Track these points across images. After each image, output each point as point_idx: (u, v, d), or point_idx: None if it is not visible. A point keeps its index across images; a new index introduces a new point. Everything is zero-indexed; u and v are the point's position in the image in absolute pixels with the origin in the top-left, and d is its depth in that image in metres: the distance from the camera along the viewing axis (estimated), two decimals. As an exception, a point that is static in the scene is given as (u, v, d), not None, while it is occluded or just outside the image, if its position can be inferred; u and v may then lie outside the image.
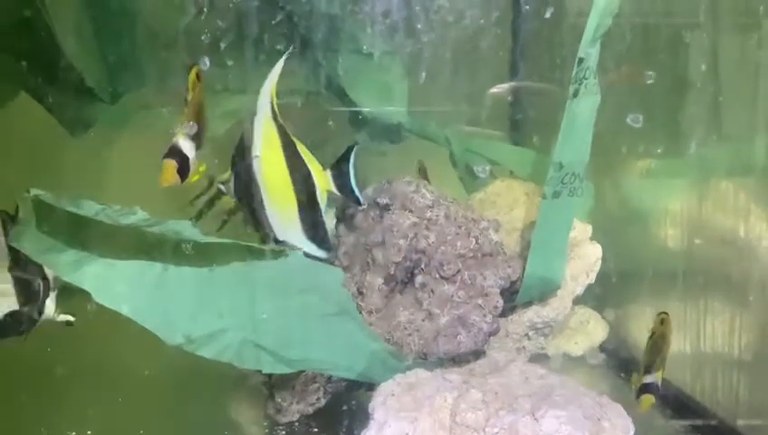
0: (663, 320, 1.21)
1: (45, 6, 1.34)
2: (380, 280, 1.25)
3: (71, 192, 1.07)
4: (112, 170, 1.61)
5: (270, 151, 1.03)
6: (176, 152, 1.06)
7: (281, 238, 1.05)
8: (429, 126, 1.69)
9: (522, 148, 1.75)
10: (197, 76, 1.10)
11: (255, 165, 1.03)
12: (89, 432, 1.16)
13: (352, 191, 1.06)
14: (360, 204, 1.09)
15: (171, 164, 1.04)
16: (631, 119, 1.22)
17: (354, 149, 1.05)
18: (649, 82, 1.28)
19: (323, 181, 1.05)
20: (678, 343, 1.30)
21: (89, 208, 1.00)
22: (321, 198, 1.05)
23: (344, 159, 1.06)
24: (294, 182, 1.03)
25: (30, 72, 1.41)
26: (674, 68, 1.46)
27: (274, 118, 1.04)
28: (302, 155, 1.03)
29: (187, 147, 1.06)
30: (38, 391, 1.27)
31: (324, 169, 1.05)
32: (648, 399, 1.15)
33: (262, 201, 1.03)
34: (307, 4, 1.35)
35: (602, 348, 1.49)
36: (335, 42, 1.43)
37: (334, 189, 1.06)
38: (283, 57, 1.04)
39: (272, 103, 1.04)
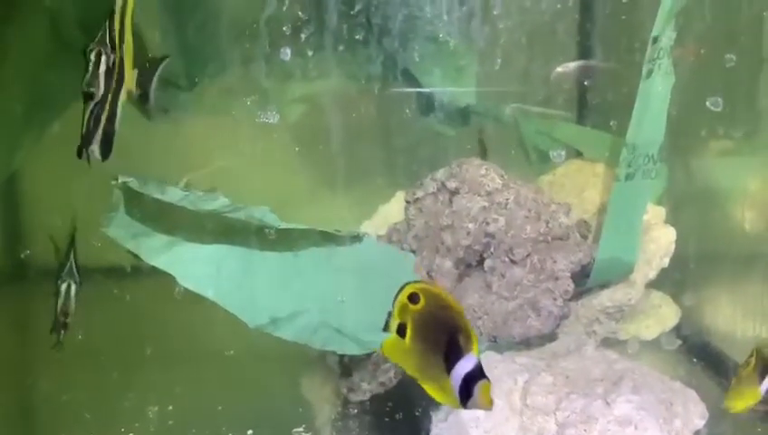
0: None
1: None
2: (450, 263, 1.26)
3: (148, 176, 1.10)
4: (187, 154, 1.65)
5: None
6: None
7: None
8: (498, 107, 1.68)
9: (590, 128, 1.73)
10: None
11: None
12: (170, 407, 1.21)
13: (146, 93, 1.08)
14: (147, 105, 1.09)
15: (488, 387, 0.81)
16: (711, 102, 1.19)
17: (166, 60, 1.09)
18: (730, 65, 1.24)
19: (130, 80, 1.05)
20: (755, 329, 1.27)
21: (173, 194, 1.04)
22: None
23: (154, 65, 1.08)
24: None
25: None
26: (751, 47, 1.42)
27: None
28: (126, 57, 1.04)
29: None
30: (129, 369, 1.33)
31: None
32: None
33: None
34: None
35: (678, 334, 1.47)
36: (410, 29, 1.44)
37: (134, 89, 1.07)
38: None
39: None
